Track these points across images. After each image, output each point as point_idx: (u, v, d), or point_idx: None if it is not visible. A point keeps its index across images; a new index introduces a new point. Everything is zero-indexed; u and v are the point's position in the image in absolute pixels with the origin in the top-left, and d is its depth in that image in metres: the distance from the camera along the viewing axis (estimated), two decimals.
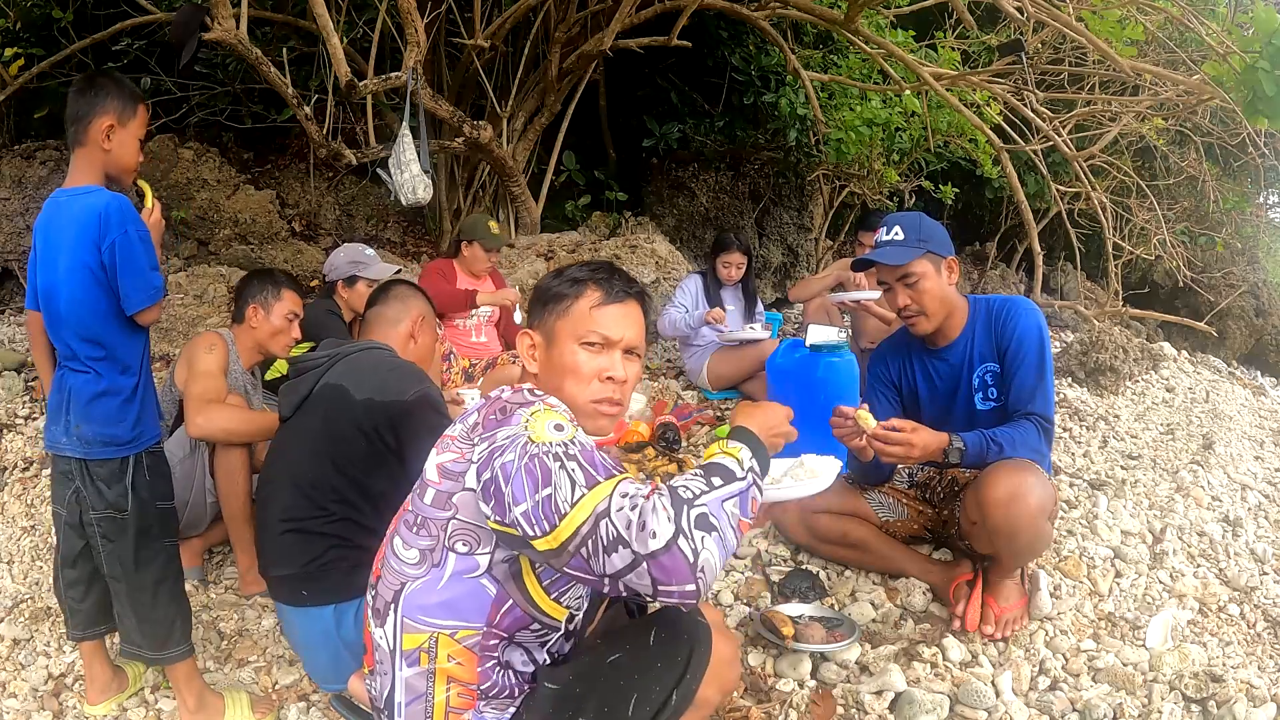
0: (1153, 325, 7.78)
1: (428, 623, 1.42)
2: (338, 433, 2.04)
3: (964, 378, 2.40)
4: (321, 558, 2.00)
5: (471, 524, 1.40)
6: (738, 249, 4.43)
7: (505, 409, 1.41)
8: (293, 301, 2.89)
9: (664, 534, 1.22)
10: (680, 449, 3.71)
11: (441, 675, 1.43)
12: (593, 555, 1.25)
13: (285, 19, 5.24)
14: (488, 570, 1.41)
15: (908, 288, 2.34)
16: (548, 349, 1.55)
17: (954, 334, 2.42)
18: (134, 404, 2.00)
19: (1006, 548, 2.18)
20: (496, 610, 1.42)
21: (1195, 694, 2.04)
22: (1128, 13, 4.41)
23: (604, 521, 1.24)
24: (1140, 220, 6.94)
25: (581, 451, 1.33)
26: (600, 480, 1.29)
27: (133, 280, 1.92)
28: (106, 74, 2.04)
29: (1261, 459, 3.86)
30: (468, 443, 1.42)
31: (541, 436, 1.33)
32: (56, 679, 2.37)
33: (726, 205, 6.79)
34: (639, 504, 1.26)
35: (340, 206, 6.48)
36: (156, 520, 2.05)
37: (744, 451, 1.42)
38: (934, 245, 2.34)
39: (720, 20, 6.29)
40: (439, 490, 1.43)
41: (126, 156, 2.00)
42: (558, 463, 1.29)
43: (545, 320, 1.57)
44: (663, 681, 1.45)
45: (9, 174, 5.32)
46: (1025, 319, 2.33)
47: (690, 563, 1.22)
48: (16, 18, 5.27)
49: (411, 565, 1.45)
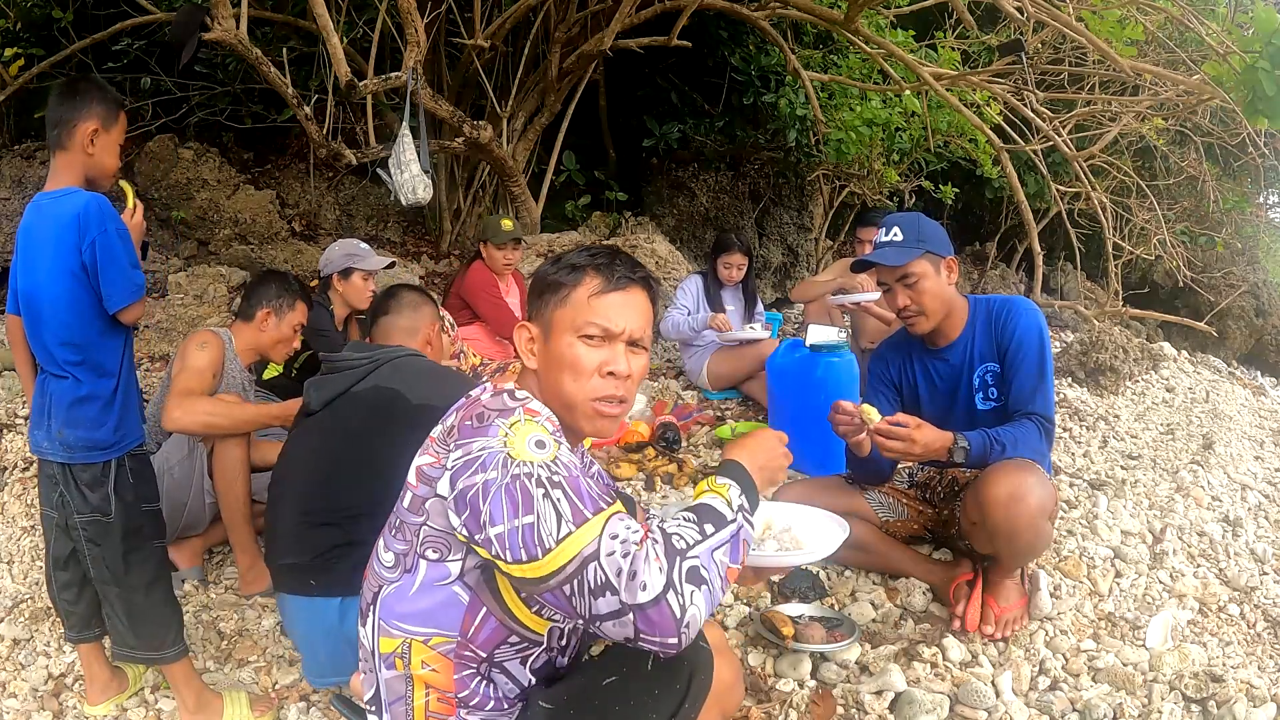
0: (1153, 325, 7.78)
1: (400, 628, 1.39)
2: (383, 434, 2.02)
3: (964, 378, 2.40)
4: (334, 551, 2.00)
5: (441, 531, 1.34)
6: (739, 250, 4.42)
7: (483, 416, 1.32)
8: (303, 314, 2.92)
9: (654, 586, 1.17)
10: (680, 449, 3.71)
11: (418, 681, 1.39)
12: (576, 595, 1.20)
13: (285, 19, 5.24)
14: (459, 577, 1.35)
15: (907, 288, 2.34)
16: (545, 342, 1.43)
17: (954, 334, 2.43)
18: (114, 408, 1.99)
19: (1007, 548, 2.18)
20: (471, 620, 1.36)
21: (1195, 694, 2.04)
22: (1128, 13, 4.41)
23: (593, 565, 1.18)
24: (1140, 220, 6.94)
25: (567, 478, 1.25)
26: (588, 517, 1.22)
27: (114, 278, 1.91)
28: (89, 79, 2.06)
29: (1261, 459, 3.87)
30: (444, 447, 1.35)
31: (522, 454, 1.25)
32: (56, 679, 2.37)
33: (726, 205, 6.79)
34: (630, 551, 1.19)
35: (340, 206, 6.48)
36: (142, 523, 2.04)
37: (733, 490, 1.36)
38: (933, 245, 2.35)
39: (720, 20, 6.29)
40: (415, 494, 1.37)
41: (108, 161, 2.01)
42: (541, 489, 1.22)
43: (543, 311, 1.44)
44: (660, 710, 1.40)
45: (9, 174, 5.32)
46: (1025, 319, 2.33)
47: (677, 618, 1.17)
48: (16, 18, 5.27)
49: (388, 569, 1.42)
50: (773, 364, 3.64)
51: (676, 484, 3.38)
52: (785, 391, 3.55)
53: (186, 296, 4.94)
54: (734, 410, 4.26)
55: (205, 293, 5.00)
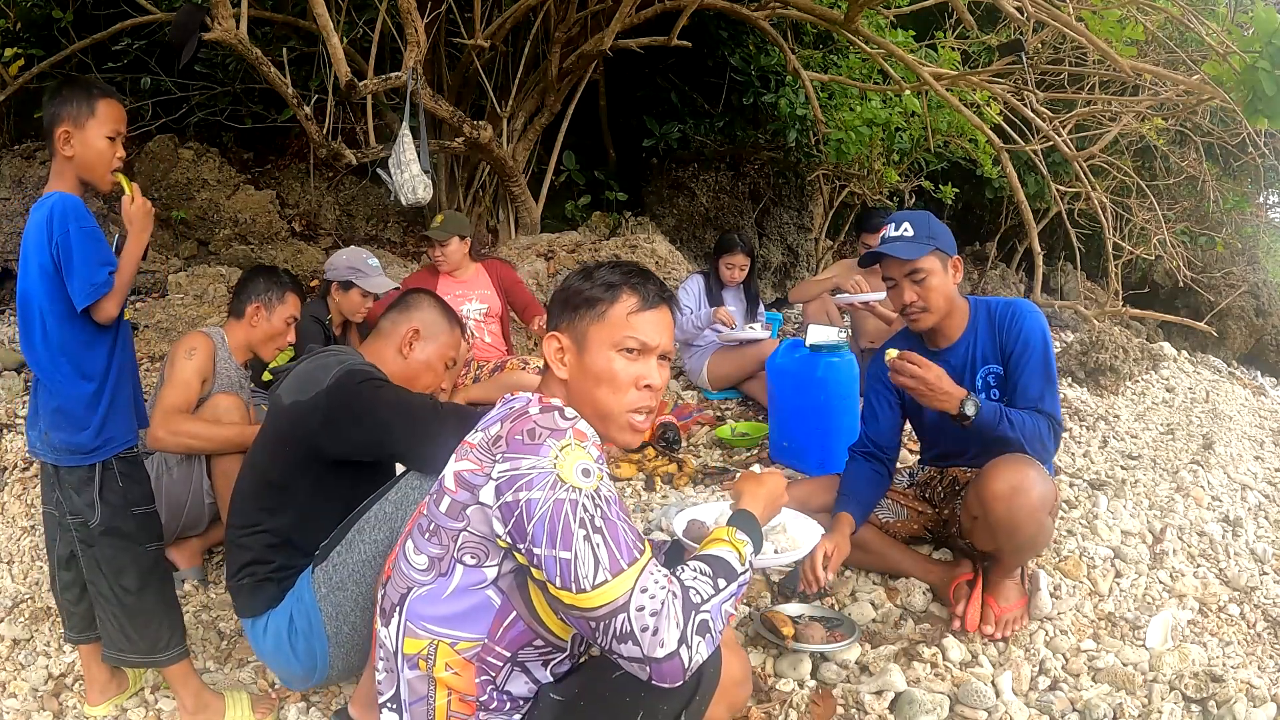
0: (1153, 325, 7.78)
1: (428, 630, 1.42)
2: (268, 444, 2.02)
3: (965, 380, 2.39)
4: (240, 573, 1.99)
5: (481, 537, 1.38)
6: (741, 250, 4.41)
7: (535, 433, 1.37)
8: (294, 306, 2.88)
9: (670, 643, 1.28)
10: (680, 449, 3.71)
11: (440, 683, 1.42)
12: (600, 632, 1.30)
13: (285, 19, 5.24)
14: (494, 581, 1.40)
15: (915, 284, 2.33)
16: (579, 354, 1.50)
17: (955, 334, 2.43)
18: (96, 411, 1.97)
19: (1008, 542, 2.18)
20: (499, 623, 1.40)
21: (1195, 694, 2.04)
22: (1128, 13, 4.41)
23: (621, 616, 1.28)
24: (1140, 220, 6.94)
25: (606, 522, 1.32)
26: (624, 567, 1.30)
27: (74, 275, 1.88)
28: (70, 79, 2.03)
29: (1261, 459, 3.86)
30: (489, 456, 1.38)
31: (570, 479, 1.33)
32: (56, 679, 2.37)
33: (726, 205, 6.79)
34: (657, 609, 1.29)
35: (340, 206, 6.48)
36: (133, 526, 2.03)
37: (748, 547, 1.49)
38: (941, 243, 2.35)
39: (720, 20, 6.29)
40: (454, 499, 1.40)
41: (91, 158, 1.95)
42: (583, 530, 1.30)
43: (575, 324, 1.51)
44: (670, 703, 1.43)
45: (9, 174, 5.32)
46: (1029, 321, 2.33)
47: (685, 668, 1.29)
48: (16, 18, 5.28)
49: (419, 571, 1.44)
50: (773, 364, 3.64)
51: (676, 484, 3.38)
52: (785, 391, 3.55)
53: (186, 296, 4.94)
54: (734, 410, 4.26)
55: (205, 293, 5.00)
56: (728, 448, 3.78)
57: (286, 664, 1.97)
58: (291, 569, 1.95)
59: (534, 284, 5.16)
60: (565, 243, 5.76)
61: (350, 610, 1.88)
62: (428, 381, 2.20)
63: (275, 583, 1.95)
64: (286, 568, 1.95)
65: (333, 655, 1.91)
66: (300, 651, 1.92)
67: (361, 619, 1.88)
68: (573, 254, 5.55)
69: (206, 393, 2.72)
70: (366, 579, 1.86)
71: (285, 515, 1.96)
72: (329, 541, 1.91)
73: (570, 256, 5.52)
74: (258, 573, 1.96)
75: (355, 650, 1.92)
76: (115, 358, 2.02)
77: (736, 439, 3.80)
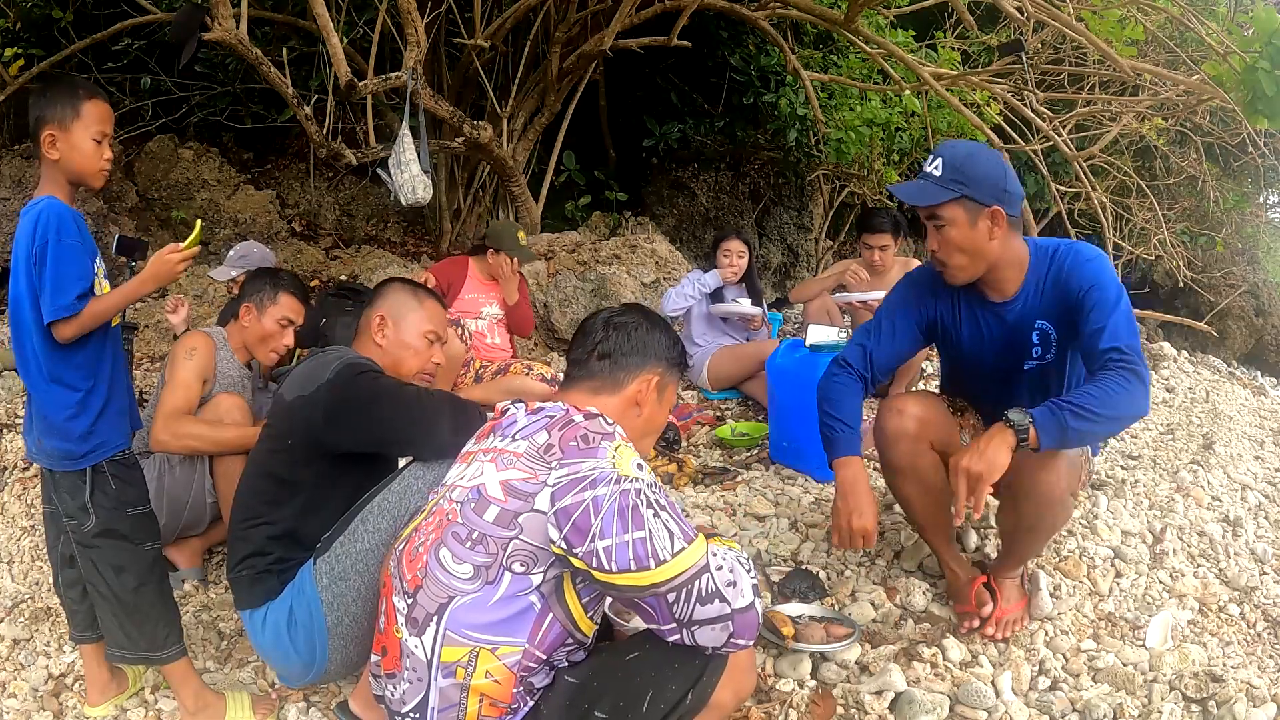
0: (1153, 325, 7.78)
1: (472, 638, 1.44)
2: (272, 440, 2.03)
3: (1018, 337, 2.17)
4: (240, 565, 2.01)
5: (534, 545, 1.43)
6: (737, 237, 4.37)
7: (588, 438, 1.47)
8: (289, 306, 2.81)
9: (748, 592, 1.43)
10: (680, 449, 3.71)
11: (474, 691, 1.45)
12: (681, 601, 1.39)
13: (285, 19, 5.24)
14: (537, 587, 1.45)
15: (936, 230, 2.05)
16: (659, 402, 1.72)
17: (1011, 289, 2.14)
18: (83, 417, 1.94)
19: (1034, 512, 2.07)
20: (539, 627, 1.45)
21: (1195, 694, 2.04)
22: (1128, 13, 4.42)
23: (705, 576, 1.40)
24: (1140, 220, 6.94)
25: (668, 501, 1.46)
26: (694, 536, 1.43)
27: (44, 290, 1.84)
28: (55, 77, 2.00)
29: (1261, 459, 3.86)
30: (541, 464, 1.45)
31: (629, 472, 1.44)
32: (56, 679, 2.37)
33: (726, 205, 6.80)
34: (733, 565, 1.45)
35: (340, 206, 6.48)
36: (129, 527, 2.01)
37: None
38: (975, 190, 1.99)
39: (720, 20, 6.29)
40: (504, 509, 1.44)
41: (78, 159, 1.90)
42: (650, 510, 1.42)
43: (665, 387, 1.73)
44: (679, 681, 1.49)
45: (9, 174, 5.33)
46: (1097, 263, 2.08)
47: (759, 616, 1.44)
48: (16, 18, 5.27)
49: (463, 580, 1.45)
50: (773, 364, 3.64)
51: (676, 484, 3.38)
52: (785, 391, 3.55)
53: (187, 297, 4.94)
54: (734, 410, 4.26)
55: (205, 293, 5.00)
56: (728, 448, 3.78)
57: (285, 657, 1.97)
58: (292, 561, 1.96)
59: (534, 284, 5.16)
60: (565, 243, 5.76)
61: (352, 601, 1.88)
62: (413, 363, 2.20)
63: (275, 575, 1.95)
64: (286, 560, 1.96)
65: (332, 648, 1.91)
66: (299, 644, 1.92)
67: (362, 610, 1.88)
68: (572, 254, 5.55)
69: (208, 392, 2.71)
70: (370, 569, 1.87)
71: (288, 509, 1.98)
72: (331, 533, 1.92)
73: (570, 256, 5.52)
74: (257, 565, 1.97)
75: (355, 643, 1.92)
76: (103, 363, 1.98)
77: (736, 439, 3.80)
